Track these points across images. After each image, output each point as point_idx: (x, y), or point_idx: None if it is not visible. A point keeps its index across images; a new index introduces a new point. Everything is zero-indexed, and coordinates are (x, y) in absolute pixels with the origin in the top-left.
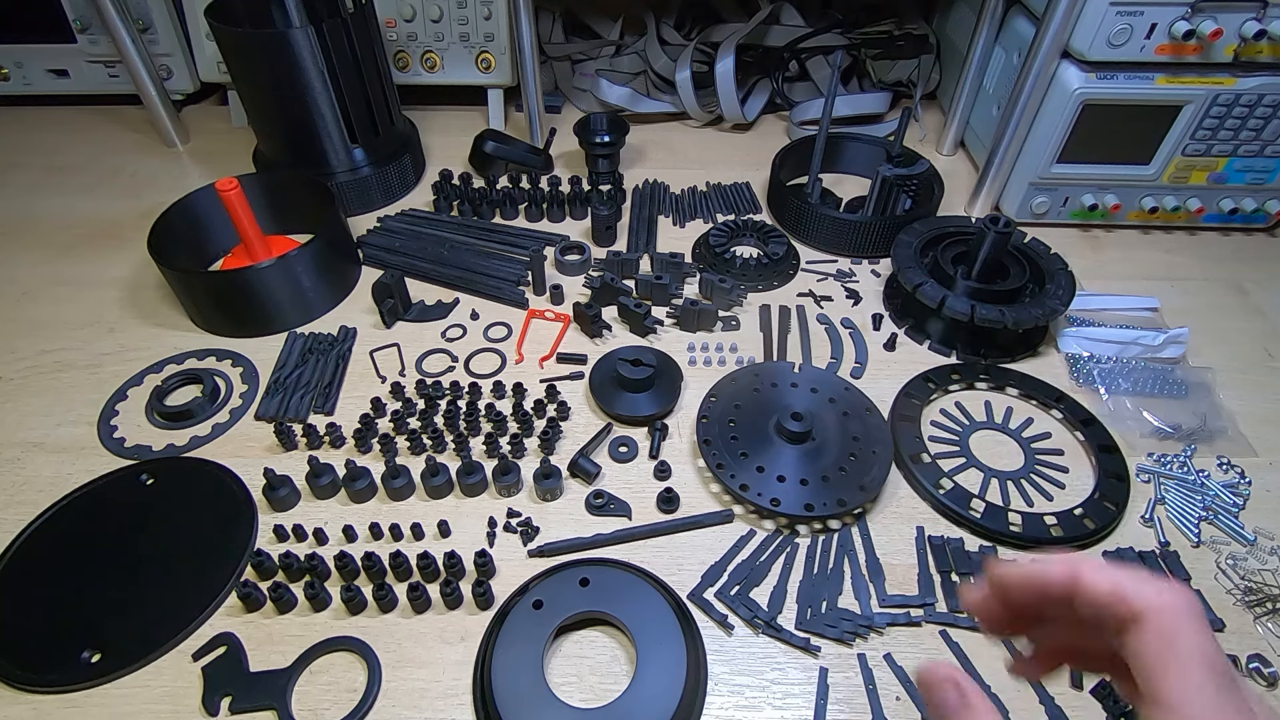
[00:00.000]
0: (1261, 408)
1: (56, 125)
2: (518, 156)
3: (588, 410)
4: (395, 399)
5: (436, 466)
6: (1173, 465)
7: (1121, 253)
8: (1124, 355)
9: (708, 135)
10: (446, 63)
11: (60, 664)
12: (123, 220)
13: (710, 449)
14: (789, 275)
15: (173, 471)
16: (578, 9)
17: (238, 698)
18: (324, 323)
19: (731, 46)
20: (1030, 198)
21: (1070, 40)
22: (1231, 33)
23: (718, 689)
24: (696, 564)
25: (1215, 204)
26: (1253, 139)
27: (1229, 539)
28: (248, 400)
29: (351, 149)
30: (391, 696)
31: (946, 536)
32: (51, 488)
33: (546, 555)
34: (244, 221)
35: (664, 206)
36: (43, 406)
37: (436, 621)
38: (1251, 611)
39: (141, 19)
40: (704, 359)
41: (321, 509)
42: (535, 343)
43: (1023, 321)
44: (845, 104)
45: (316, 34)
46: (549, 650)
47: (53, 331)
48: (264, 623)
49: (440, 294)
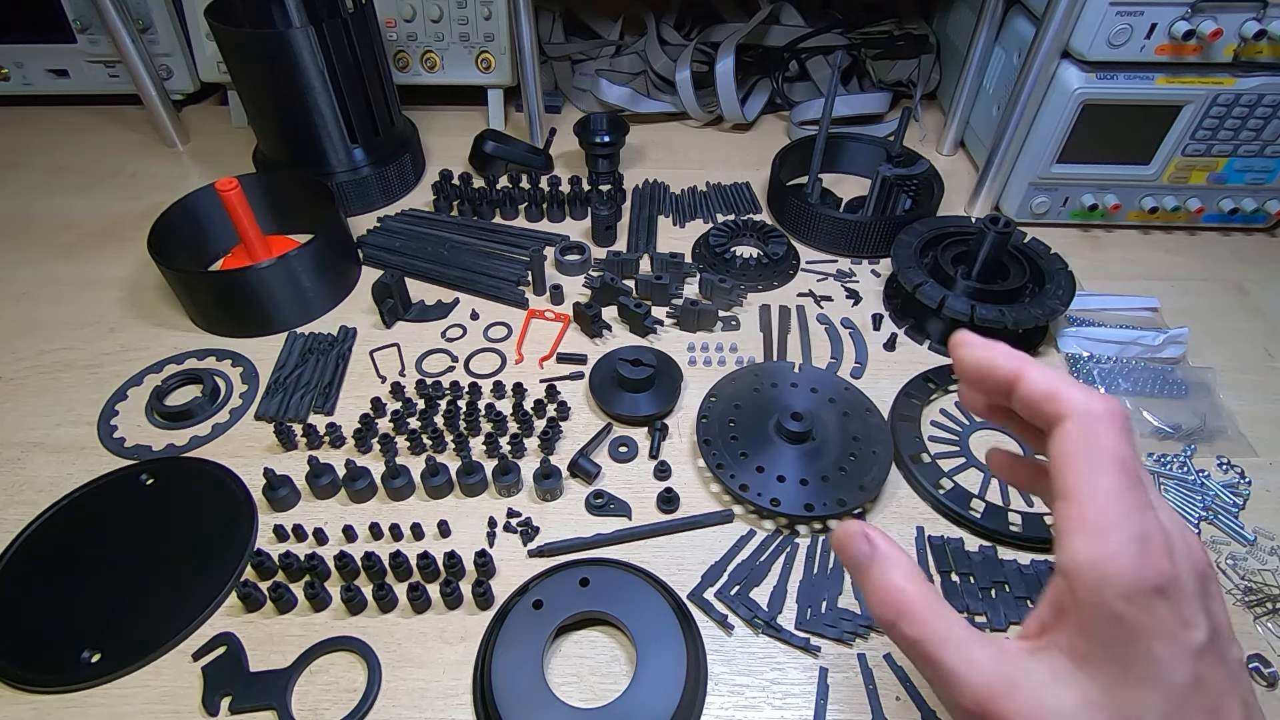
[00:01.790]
0: (1261, 408)
1: (56, 125)
2: (518, 156)
3: (588, 410)
4: (395, 399)
5: (436, 466)
6: (1173, 465)
7: (1121, 253)
8: (1124, 355)
9: (708, 135)
10: (446, 63)
11: (60, 664)
12: (123, 220)
13: (710, 449)
14: (789, 275)
15: (173, 471)
16: (578, 9)
17: (238, 698)
18: (324, 323)
19: (731, 46)
20: (1030, 198)
21: (1070, 40)
22: (1231, 33)
23: (718, 689)
24: (696, 564)
25: (1215, 204)
26: (1253, 139)
27: (1229, 539)
28: (248, 400)
29: (351, 149)
30: (391, 696)
31: (946, 536)
32: (51, 488)
33: (546, 555)
34: (244, 221)
35: (664, 206)
36: (43, 406)
37: (436, 621)
38: (1251, 611)
39: (141, 19)
40: (704, 359)
41: (321, 509)
42: (535, 343)
43: (1023, 321)
44: (845, 104)
45: (316, 34)
46: (549, 650)
47: (53, 331)
48: (264, 623)
49: (440, 294)
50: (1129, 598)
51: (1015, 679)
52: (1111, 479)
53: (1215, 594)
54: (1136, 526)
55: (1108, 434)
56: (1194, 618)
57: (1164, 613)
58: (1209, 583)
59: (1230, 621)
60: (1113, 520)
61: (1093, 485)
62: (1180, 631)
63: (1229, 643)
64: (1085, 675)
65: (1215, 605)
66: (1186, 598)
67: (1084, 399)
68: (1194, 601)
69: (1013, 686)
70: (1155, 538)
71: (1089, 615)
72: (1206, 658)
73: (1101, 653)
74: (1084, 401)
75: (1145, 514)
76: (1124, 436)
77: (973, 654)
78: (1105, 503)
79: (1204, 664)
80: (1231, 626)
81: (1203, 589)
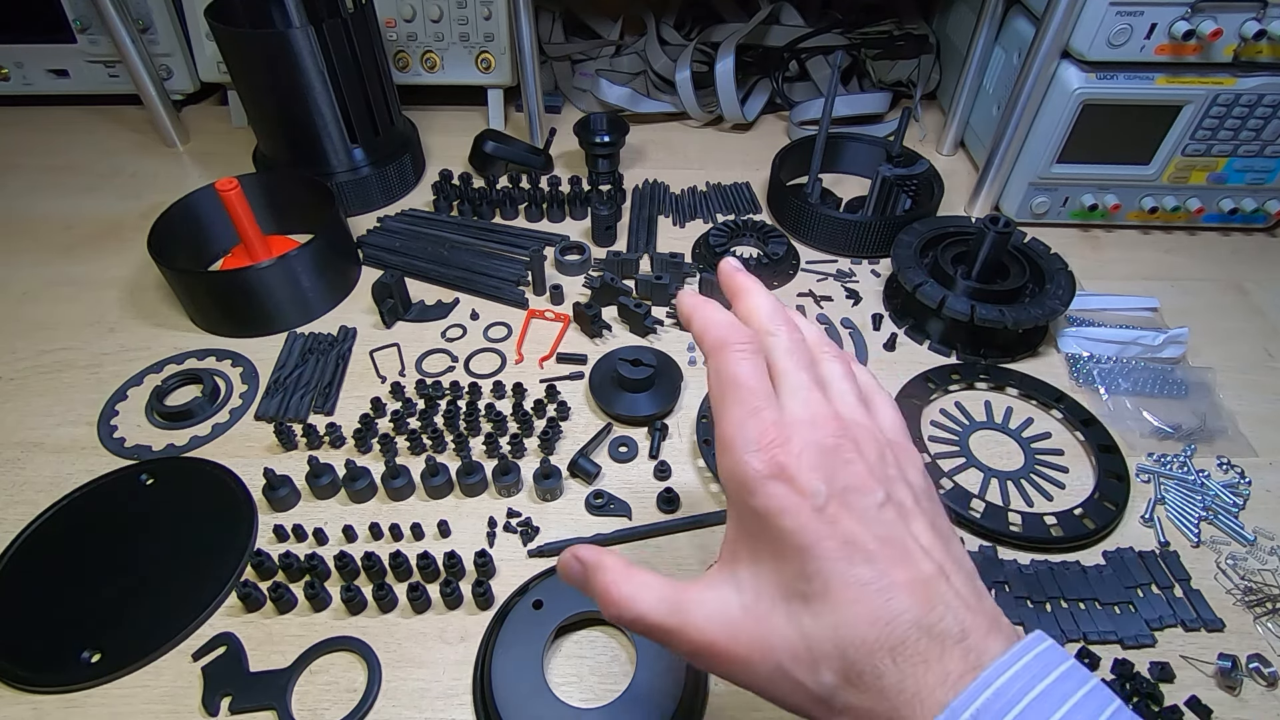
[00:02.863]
0: (1261, 408)
1: (56, 125)
2: (518, 156)
3: (588, 410)
4: (395, 399)
5: (436, 466)
6: (1173, 465)
7: (1121, 253)
8: (1124, 355)
9: (708, 135)
10: (446, 63)
11: (60, 664)
12: (123, 220)
13: (710, 449)
14: (789, 275)
15: (173, 471)
16: (578, 9)
17: (238, 698)
18: (324, 323)
19: (731, 46)
20: (1030, 198)
21: (1070, 40)
22: (1231, 33)
23: (718, 689)
24: (696, 564)
25: (1215, 204)
26: (1253, 139)
27: (1229, 539)
28: (248, 400)
29: (351, 149)
30: (391, 696)
31: None
32: (51, 488)
33: (546, 555)
34: (244, 221)
35: (664, 206)
36: (43, 406)
37: (436, 621)
38: (1251, 611)
39: (141, 19)
40: (704, 359)
41: (321, 509)
42: (535, 343)
43: (1023, 321)
44: (845, 104)
45: (316, 34)
46: (549, 650)
47: (53, 331)
48: (264, 623)
49: (440, 294)
50: (753, 490)
51: (711, 610)
52: (731, 397)
53: (847, 457)
54: (750, 431)
55: (728, 362)
56: (810, 486)
57: (781, 492)
58: (839, 450)
59: (882, 471)
60: (732, 432)
61: (720, 409)
62: (800, 502)
63: (861, 494)
64: (756, 573)
65: (841, 468)
66: (804, 472)
67: (717, 336)
68: (811, 473)
69: (709, 618)
70: (766, 435)
71: (743, 518)
72: (828, 513)
73: (759, 545)
74: (716, 338)
75: (759, 417)
76: (744, 359)
77: (679, 607)
78: (727, 421)
79: (825, 520)
80: (883, 475)
81: (830, 457)
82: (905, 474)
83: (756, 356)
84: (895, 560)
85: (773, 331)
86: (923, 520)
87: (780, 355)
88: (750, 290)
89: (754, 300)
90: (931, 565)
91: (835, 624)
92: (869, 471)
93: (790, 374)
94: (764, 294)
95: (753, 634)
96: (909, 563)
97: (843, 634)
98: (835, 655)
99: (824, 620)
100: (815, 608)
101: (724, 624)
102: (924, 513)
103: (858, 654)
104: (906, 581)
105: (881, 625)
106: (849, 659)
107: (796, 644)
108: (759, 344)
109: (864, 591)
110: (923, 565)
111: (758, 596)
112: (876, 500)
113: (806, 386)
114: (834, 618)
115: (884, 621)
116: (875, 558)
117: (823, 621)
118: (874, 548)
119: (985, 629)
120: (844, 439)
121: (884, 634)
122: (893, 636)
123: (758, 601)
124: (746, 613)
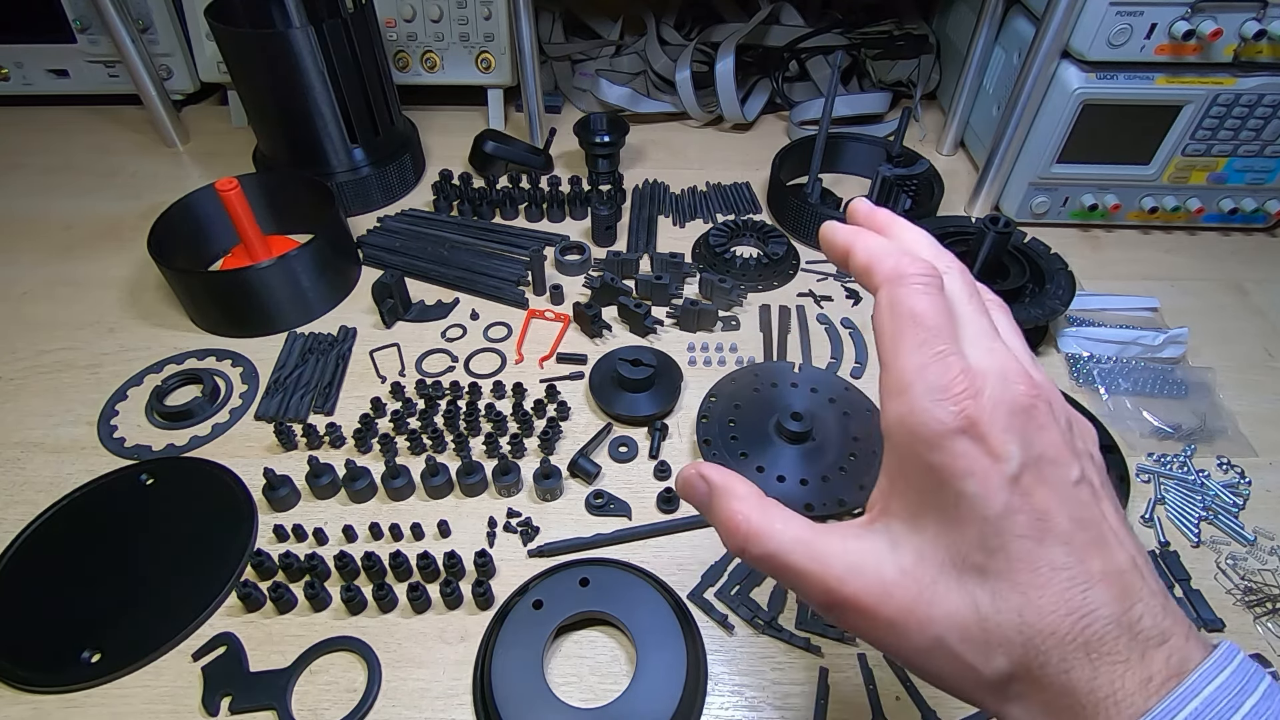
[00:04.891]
0: (1261, 408)
1: (56, 125)
2: (518, 156)
3: (588, 410)
4: (395, 399)
5: (436, 466)
6: (1173, 465)
7: (1121, 253)
8: (1124, 355)
9: (708, 135)
10: (446, 63)
11: (60, 664)
12: (123, 220)
13: (710, 449)
14: (789, 275)
15: (173, 471)
16: (578, 9)
17: (238, 698)
18: (324, 323)
19: (731, 46)
20: (1030, 198)
21: (1070, 40)
22: (1231, 33)
23: (718, 689)
24: (696, 564)
25: (1215, 204)
26: (1253, 139)
27: (1229, 539)
28: (248, 400)
29: (351, 149)
30: (391, 696)
31: None
32: (51, 488)
33: (546, 555)
34: (244, 221)
35: (664, 206)
36: (43, 406)
37: (436, 621)
38: (1251, 611)
39: (141, 19)
40: (704, 359)
41: (321, 509)
42: (535, 343)
43: (1023, 321)
44: (845, 104)
45: (316, 34)
46: (549, 650)
47: (53, 331)
48: (264, 623)
49: (440, 294)
50: (933, 445)
51: (856, 561)
52: (911, 337)
53: (1042, 421)
54: (935, 377)
55: (907, 296)
56: (1004, 449)
57: (969, 451)
58: (1033, 412)
59: (1073, 443)
60: (911, 377)
61: (895, 348)
62: (990, 466)
63: (1057, 466)
64: (917, 532)
65: (1036, 433)
66: (996, 432)
67: (891, 266)
68: (1004, 434)
69: (854, 570)
70: (955, 384)
71: (909, 472)
72: (1022, 483)
73: (926, 505)
74: (891, 268)
75: (945, 362)
76: (925, 293)
77: (817, 551)
78: (905, 362)
79: (1018, 491)
80: (1074, 448)
81: (1023, 419)
82: (1090, 449)
83: (939, 292)
84: (1090, 545)
85: (945, 268)
86: (1110, 503)
87: (957, 295)
88: (904, 224)
89: (913, 234)
90: (1125, 556)
91: (1020, 608)
92: (1064, 441)
93: (972, 319)
94: (919, 229)
95: (909, 599)
96: (1105, 551)
97: (1029, 620)
98: (1017, 642)
99: (1006, 601)
100: (994, 585)
101: (874, 581)
102: (1110, 496)
103: (1046, 644)
104: (1102, 572)
105: (1076, 618)
106: (1034, 647)
107: (968, 621)
108: (939, 278)
109: (1055, 577)
110: (1118, 555)
111: (919, 559)
112: (1072, 476)
113: (989, 335)
114: (1019, 600)
115: (1079, 614)
116: (1070, 540)
117: (1005, 603)
118: (1069, 528)
119: (1184, 633)
120: (1038, 400)
121: (1078, 628)
122: (1088, 632)
123: (918, 565)
124: (904, 575)
